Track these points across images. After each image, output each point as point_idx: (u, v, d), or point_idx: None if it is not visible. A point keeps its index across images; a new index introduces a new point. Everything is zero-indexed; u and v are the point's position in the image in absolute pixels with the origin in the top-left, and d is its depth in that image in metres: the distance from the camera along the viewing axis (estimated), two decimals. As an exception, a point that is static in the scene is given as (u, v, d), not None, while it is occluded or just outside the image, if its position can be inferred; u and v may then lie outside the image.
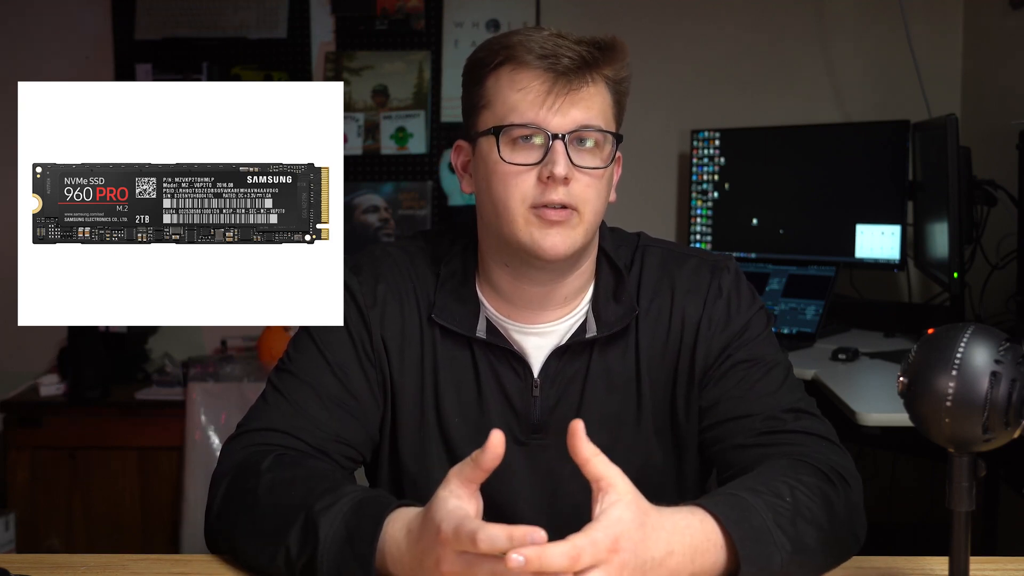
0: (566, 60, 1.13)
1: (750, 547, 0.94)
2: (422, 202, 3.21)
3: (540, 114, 1.14)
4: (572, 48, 1.14)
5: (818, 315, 2.66)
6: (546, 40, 1.14)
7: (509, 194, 1.15)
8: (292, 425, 1.17)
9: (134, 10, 3.20)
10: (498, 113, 1.16)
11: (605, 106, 1.17)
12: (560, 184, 1.13)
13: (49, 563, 1.10)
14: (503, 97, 1.16)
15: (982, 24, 3.00)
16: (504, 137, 1.15)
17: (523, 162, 1.14)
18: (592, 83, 1.16)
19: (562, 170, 1.12)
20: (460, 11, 3.17)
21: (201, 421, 2.85)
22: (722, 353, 1.23)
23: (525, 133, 1.14)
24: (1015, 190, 2.33)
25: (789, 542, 0.97)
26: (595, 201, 1.16)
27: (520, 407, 1.24)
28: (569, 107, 1.14)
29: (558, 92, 1.14)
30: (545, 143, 1.14)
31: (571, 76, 1.14)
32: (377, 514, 0.97)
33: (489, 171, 1.17)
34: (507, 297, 1.24)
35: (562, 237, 1.14)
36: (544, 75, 1.14)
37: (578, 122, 1.14)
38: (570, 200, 1.14)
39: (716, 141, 3.04)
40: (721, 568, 0.95)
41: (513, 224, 1.16)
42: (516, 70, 1.15)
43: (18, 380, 3.10)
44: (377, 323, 1.24)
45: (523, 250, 1.16)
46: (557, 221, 1.14)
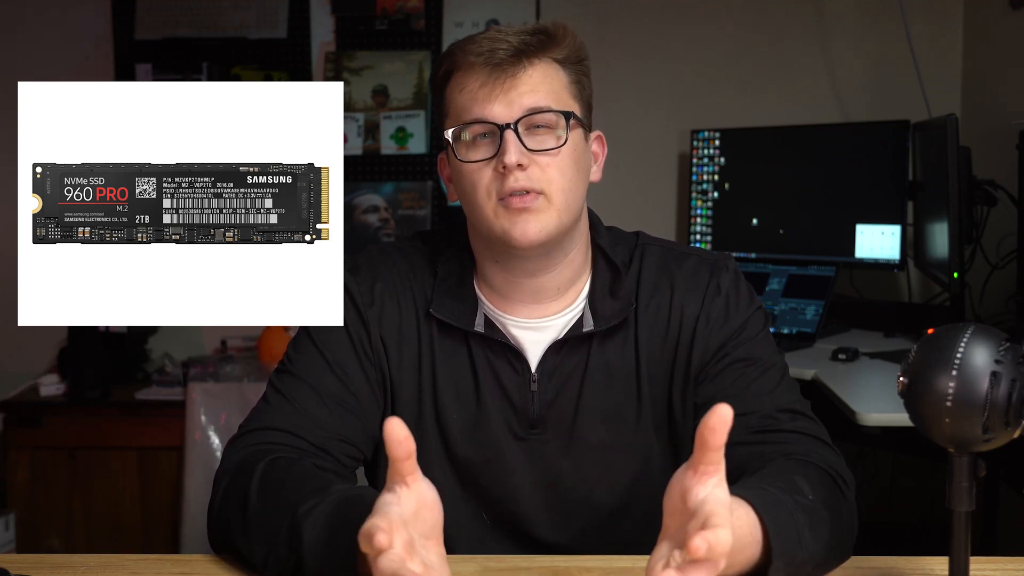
0: (501, 52, 1.15)
1: (782, 543, 0.94)
2: (422, 202, 3.21)
3: (485, 108, 1.16)
4: (507, 40, 1.16)
5: (818, 315, 2.66)
6: (483, 39, 1.17)
7: (475, 191, 1.18)
8: (293, 424, 1.18)
9: (134, 10, 3.19)
10: (452, 119, 1.20)
11: (555, 87, 1.18)
12: (515, 171, 1.15)
13: (49, 563, 1.10)
14: (453, 103, 1.19)
15: (982, 24, 3.00)
16: (459, 140, 1.18)
17: (479, 158, 1.17)
18: (533, 67, 1.17)
19: (512, 158, 1.14)
20: (460, 11, 3.18)
21: (201, 421, 2.85)
22: (719, 351, 1.23)
23: (478, 131, 1.17)
24: (1015, 190, 2.33)
25: (811, 541, 0.98)
26: (560, 180, 1.17)
27: (518, 402, 1.24)
28: (511, 94, 1.16)
29: (495, 82, 1.16)
30: (497, 136, 1.16)
31: (506, 65, 1.16)
32: (358, 513, 0.96)
33: (457, 174, 1.20)
34: (502, 292, 1.25)
35: (532, 223, 1.16)
36: (481, 70, 1.16)
37: (525, 107, 1.16)
38: (530, 184, 1.15)
39: (716, 141, 3.04)
40: (752, 562, 0.95)
41: (485, 219, 1.18)
42: (460, 73, 1.18)
43: (18, 380, 3.10)
44: (375, 322, 1.24)
45: (499, 241, 1.18)
46: (523, 208, 1.15)
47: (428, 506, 0.89)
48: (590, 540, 1.25)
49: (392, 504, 0.86)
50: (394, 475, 0.87)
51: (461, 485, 1.26)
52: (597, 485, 1.26)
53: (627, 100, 3.15)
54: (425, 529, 0.88)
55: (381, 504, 0.86)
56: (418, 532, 0.87)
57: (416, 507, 0.87)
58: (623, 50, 3.17)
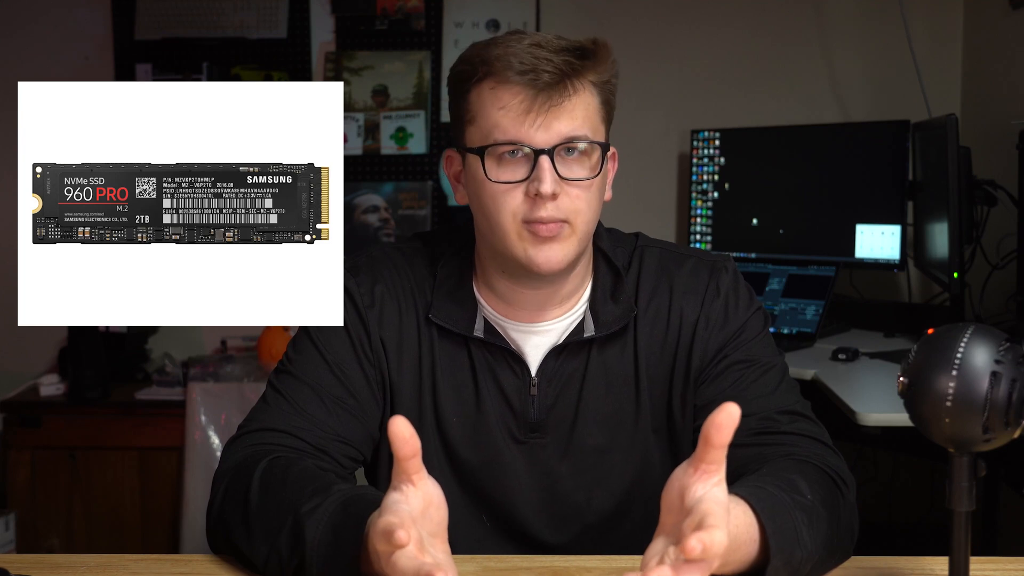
0: (546, 75, 1.11)
1: (780, 541, 0.94)
2: (422, 202, 3.21)
3: (523, 131, 1.13)
4: (551, 60, 1.12)
5: (818, 315, 2.66)
6: (525, 53, 1.12)
7: (500, 211, 1.15)
8: (293, 425, 1.18)
9: (134, 10, 3.19)
10: (482, 130, 1.15)
11: (591, 112, 1.16)
12: (548, 200, 1.13)
13: (49, 563, 1.10)
14: (485, 114, 1.15)
15: (982, 24, 2.99)
16: (489, 156, 1.15)
17: (510, 179, 1.14)
18: (575, 93, 1.14)
19: (548, 187, 1.12)
20: (460, 11, 3.17)
21: (201, 421, 2.85)
22: (718, 353, 1.23)
23: (510, 149, 1.14)
24: (1015, 190, 2.33)
25: (810, 540, 0.98)
26: (586, 212, 1.16)
27: (518, 406, 1.24)
28: (552, 121, 1.13)
29: (539, 108, 1.12)
30: (531, 157, 1.13)
31: (551, 91, 1.12)
32: (361, 514, 0.96)
33: (479, 189, 1.17)
34: (505, 299, 1.24)
35: (556, 251, 1.15)
36: (524, 91, 1.12)
37: (563, 135, 1.13)
38: (560, 215, 1.14)
39: (716, 141, 3.04)
40: (750, 560, 0.95)
41: (506, 239, 1.16)
42: (497, 87, 1.14)
43: (18, 380, 3.10)
44: (375, 323, 1.24)
45: (517, 264, 1.17)
46: (549, 237, 1.14)
47: (435, 505, 0.89)
48: (589, 543, 1.25)
49: (401, 503, 0.86)
50: (400, 474, 0.88)
51: (461, 488, 1.26)
52: (596, 489, 1.25)
53: (627, 100, 3.12)
54: (432, 527, 0.89)
55: (390, 503, 0.87)
56: (426, 530, 0.88)
57: (424, 505, 0.88)
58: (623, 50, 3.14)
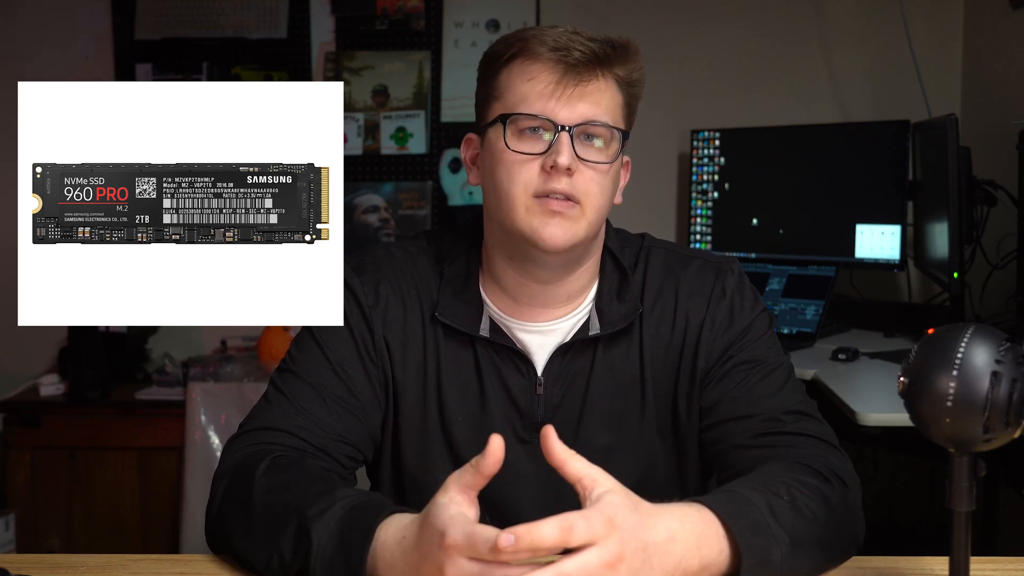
0: (577, 53, 1.14)
1: (749, 538, 0.94)
2: (422, 202, 3.21)
3: (548, 105, 1.15)
4: (585, 43, 1.15)
5: (818, 315, 2.66)
6: (560, 34, 1.16)
7: (512, 181, 1.16)
8: (293, 424, 1.17)
9: (134, 10, 3.19)
10: (508, 103, 1.17)
11: (614, 104, 1.18)
12: (563, 174, 1.14)
13: (49, 563, 1.09)
14: (514, 87, 1.17)
15: (982, 24, 2.99)
16: (511, 126, 1.16)
17: (528, 151, 1.16)
18: (602, 78, 1.17)
19: (565, 160, 1.13)
20: (460, 11, 3.17)
21: (201, 421, 2.85)
22: (724, 354, 1.23)
23: (533, 124, 1.16)
24: (1015, 190, 2.33)
25: (788, 536, 0.97)
26: (598, 196, 1.17)
27: (523, 405, 1.24)
28: (577, 100, 1.15)
29: (567, 84, 1.15)
30: (552, 135, 1.15)
31: (581, 69, 1.15)
32: (370, 521, 0.96)
33: (495, 159, 1.18)
34: (511, 294, 1.24)
35: (563, 228, 1.15)
36: (555, 67, 1.15)
37: (586, 116, 1.15)
38: (572, 191, 1.15)
39: (716, 141, 3.04)
40: (727, 559, 0.95)
41: (514, 212, 1.16)
42: (528, 61, 1.16)
43: (18, 380, 3.10)
44: (379, 323, 1.24)
45: (523, 239, 1.17)
46: (558, 212, 1.15)
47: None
48: (593, 543, 1.25)
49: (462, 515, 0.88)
50: (465, 486, 0.90)
51: (465, 487, 1.26)
52: None
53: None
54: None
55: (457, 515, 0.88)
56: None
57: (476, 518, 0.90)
58: (623, 50, 3.17)
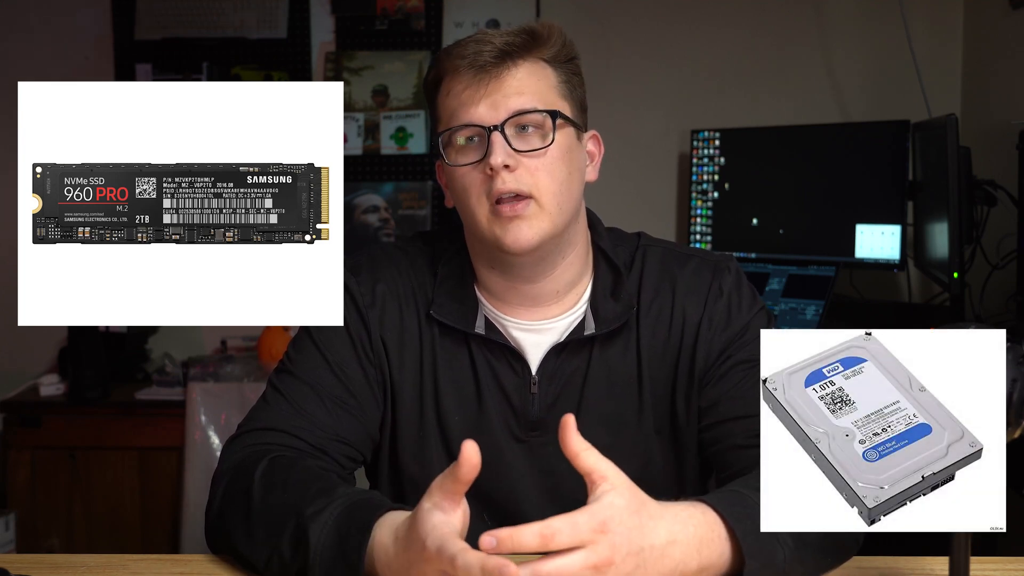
0: (485, 54, 1.15)
1: (753, 541, 0.94)
2: (422, 202, 3.21)
3: (471, 111, 1.16)
4: (491, 42, 1.16)
5: (818, 315, 2.66)
6: (470, 42, 1.17)
7: (468, 194, 1.17)
8: (292, 424, 1.18)
9: (134, 10, 3.19)
10: (444, 123, 1.19)
11: (542, 88, 1.18)
12: (502, 172, 1.14)
13: (49, 563, 1.10)
14: (444, 106, 1.19)
15: (982, 24, 2.99)
16: (449, 144, 1.18)
17: (468, 161, 1.17)
18: (518, 68, 1.17)
19: (498, 159, 1.13)
20: (460, 11, 3.17)
21: (201, 421, 2.85)
22: (722, 353, 1.23)
23: (466, 134, 1.17)
24: (1015, 190, 2.33)
25: (791, 538, 0.97)
26: (550, 183, 1.16)
27: (518, 404, 1.24)
28: (499, 98, 1.15)
29: (480, 84, 1.16)
30: (484, 138, 1.15)
31: (491, 67, 1.16)
32: (366, 520, 0.96)
33: (450, 178, 1.20)
34: (501, 297, 1.25)
35: (524, 229, 1.15)
36: (468, 73, 1.16)
37: (511, 109, 1.15)
38: (520, 187, 1.15)
39: (716, 141, 3.04)
40: (727, 561, 0.95)
41: (478, 224, 1.17)
42: (447, 78, 1.18)
43: (18, 380, 3.10)
44: (376, 323, 1.24)
45: (494, 247, 1.18)
46: (514, 216, 1.15)
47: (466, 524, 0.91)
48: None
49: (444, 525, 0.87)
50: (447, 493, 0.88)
51: (462, 486, 1.26)
52: None
53: (627, 100, 3.15)
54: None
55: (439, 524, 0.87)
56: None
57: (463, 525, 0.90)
58: (623, 50, 3.17)
